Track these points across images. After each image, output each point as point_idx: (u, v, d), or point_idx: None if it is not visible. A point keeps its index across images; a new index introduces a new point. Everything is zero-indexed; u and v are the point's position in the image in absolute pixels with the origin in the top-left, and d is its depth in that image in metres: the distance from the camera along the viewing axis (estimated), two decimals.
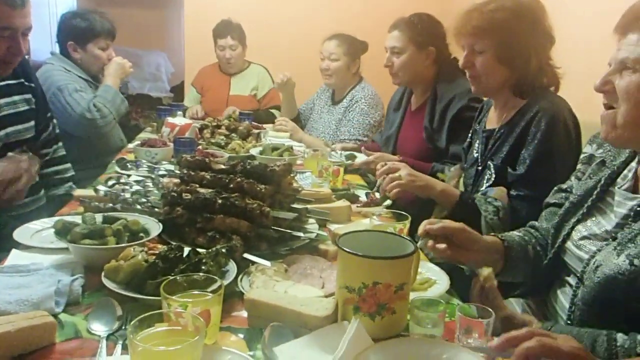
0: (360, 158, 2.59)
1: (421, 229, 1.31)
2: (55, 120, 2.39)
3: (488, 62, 1.75)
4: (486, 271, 1.25)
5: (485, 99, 2.00)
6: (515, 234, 1.49)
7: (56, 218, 1.51)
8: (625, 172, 1.28)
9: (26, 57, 2.11)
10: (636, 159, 1.26)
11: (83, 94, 2.82)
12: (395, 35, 2.52)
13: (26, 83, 2.15)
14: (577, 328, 1.16)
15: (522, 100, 1.77)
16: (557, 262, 1.38)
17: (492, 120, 1.89)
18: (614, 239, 1.19)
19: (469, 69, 1.81)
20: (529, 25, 1.71)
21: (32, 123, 2.14)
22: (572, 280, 1.33)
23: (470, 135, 2.04)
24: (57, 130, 2.39)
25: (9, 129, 2.01)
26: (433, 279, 1.35)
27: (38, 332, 1.00)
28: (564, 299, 1.35)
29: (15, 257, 1.38)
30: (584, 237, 1.30)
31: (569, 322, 1.27)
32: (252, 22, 4.10)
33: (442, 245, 1.29)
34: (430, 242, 1.30)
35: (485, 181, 1.78)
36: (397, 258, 1.07)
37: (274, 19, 4.56)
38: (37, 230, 1.52)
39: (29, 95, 2.14)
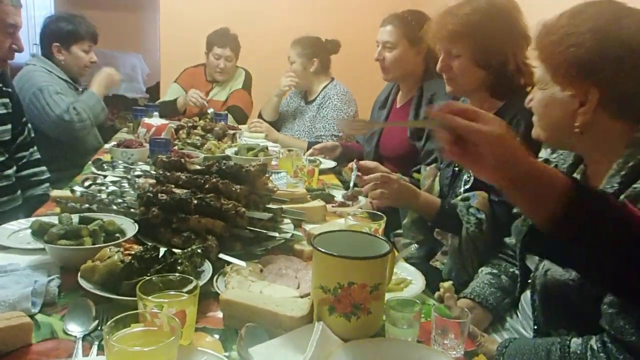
0: (326, 164, 2.63)
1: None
2: (30, 125, 2.42)
3: (464, 65, 1.75)
4: (447, 284, 1.29)
5: (462, 98, 2.03)
6: (485, 273, 1.54)
7: (33, 219, 1.50)
8: (575, 174, 1.31)
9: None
10: (584, 161, 1.30)
11: (63, 97, 2.85)
12: (388, 30, 2.52)
13: (4, 88, 2.19)
14: (534, 340, 1.20)
15: (499, 101, 1.78)
16: (523, 268, 1.42)
17: None
18: None
19: (445, 72, 1.82)
20: (504, 26, 1.71)
21: (9, 126, 2.18)
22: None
23: None
24: (32, 135, 2.42)
25: None
26: (409, 279, 1.36)
27: (15, 333, 1.00)
28: (525, 304, 1.39)
29: None
30: None
31: (535, 326, 1.30)
32: (228, 25, 4.09)
33: None
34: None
35: (462, 182, 1.78)
36: (372, 258, 1.08)
37: (250, 23, 4.56)
38: (14, 231, 1.52)
39: (6, 100, 2.18)
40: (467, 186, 1.76)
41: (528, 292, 1.40)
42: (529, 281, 1.37)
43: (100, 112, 2.96)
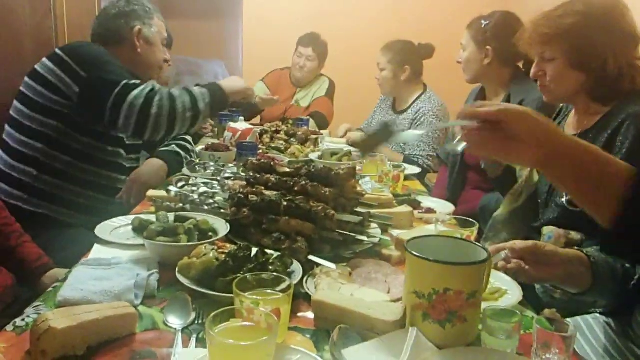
0: (411, 170, 2.60)
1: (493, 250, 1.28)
2: None
3: (559, 69, 1.68)
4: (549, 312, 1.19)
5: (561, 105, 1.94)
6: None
7: (132, 216, 1.58)
8: None
9: None
10: None
11: None
12: (465, 33, 2.58)
13: None
14: None
15: (604, 106, 1.68)
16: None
17: (571, 125, 1.81)
18: None
19: (540, 79, 1.75)
20: (603, 26, 1.62)
21: None
22: None
23: None
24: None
25: None
26: (504, 289, 1.31)
27: (121, 322, 1.05)
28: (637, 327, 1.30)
29: (97, 251, 1.46)
30: None
31: None
32: (310, 31, 4.15)
33: (515, 262, 1.25)
34: (502, 264, 1.26)
35: (565, 192, 1.70)
36: (470, 264, 1.05)
37: (332, 30, 4.60)
38: (115, 227, 1.60)
39: None
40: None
41: None
42: None
43: None
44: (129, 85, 2.02)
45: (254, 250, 1.31)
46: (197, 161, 2.42)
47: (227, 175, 2.04)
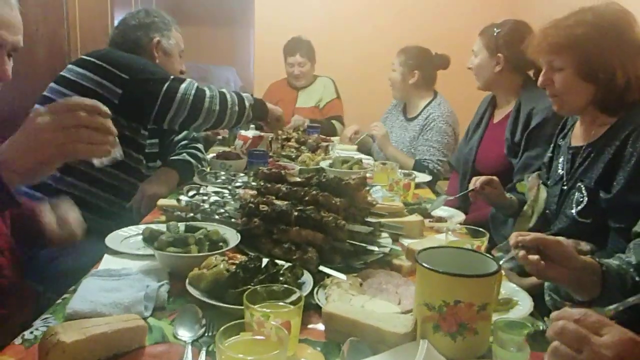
0: (422, 177, 2.60)
1: (512, 240, 1.26)
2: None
3: (568, 79, 1.67)
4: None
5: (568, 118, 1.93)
6: (612, 261, 1.38)
7: (143, 226, 1.58)
8: None
9: None
10: None
11: None
12: (477, 40, 2.57)
13: None
14: None
15: (611, 117, 1.67)
16: None
17: (578, 136, 1.79)
18: None
19: (548, 87, 1.74)
20: (612, 38, 1.61)
21: (157, 140, 2.42)
22: None
23: (551, 150, 1.97)
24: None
25: None
26: (515, 300, 1.30)
27: (131, 335, 1.05)
28: None
29: (107, 261, 1.47)
30: None
31: None
32: (321, 38, 4.18)
33: (535, 256, 1.22)
34: (522, 253, 1.23)
35: (574, 203, 1.68)
36: (480, 276, 1.04)
37: (343, 36, 4.62)
38: (126, 237, 1.60)
39: None
40: (580, 207, 1.65)
41: None
42: None
43: None
44: (177, 79, 2.14)
45: (265, 261, 1.30)
46: (208, 170, 2.43)
47: (238, 184, 2.04)
